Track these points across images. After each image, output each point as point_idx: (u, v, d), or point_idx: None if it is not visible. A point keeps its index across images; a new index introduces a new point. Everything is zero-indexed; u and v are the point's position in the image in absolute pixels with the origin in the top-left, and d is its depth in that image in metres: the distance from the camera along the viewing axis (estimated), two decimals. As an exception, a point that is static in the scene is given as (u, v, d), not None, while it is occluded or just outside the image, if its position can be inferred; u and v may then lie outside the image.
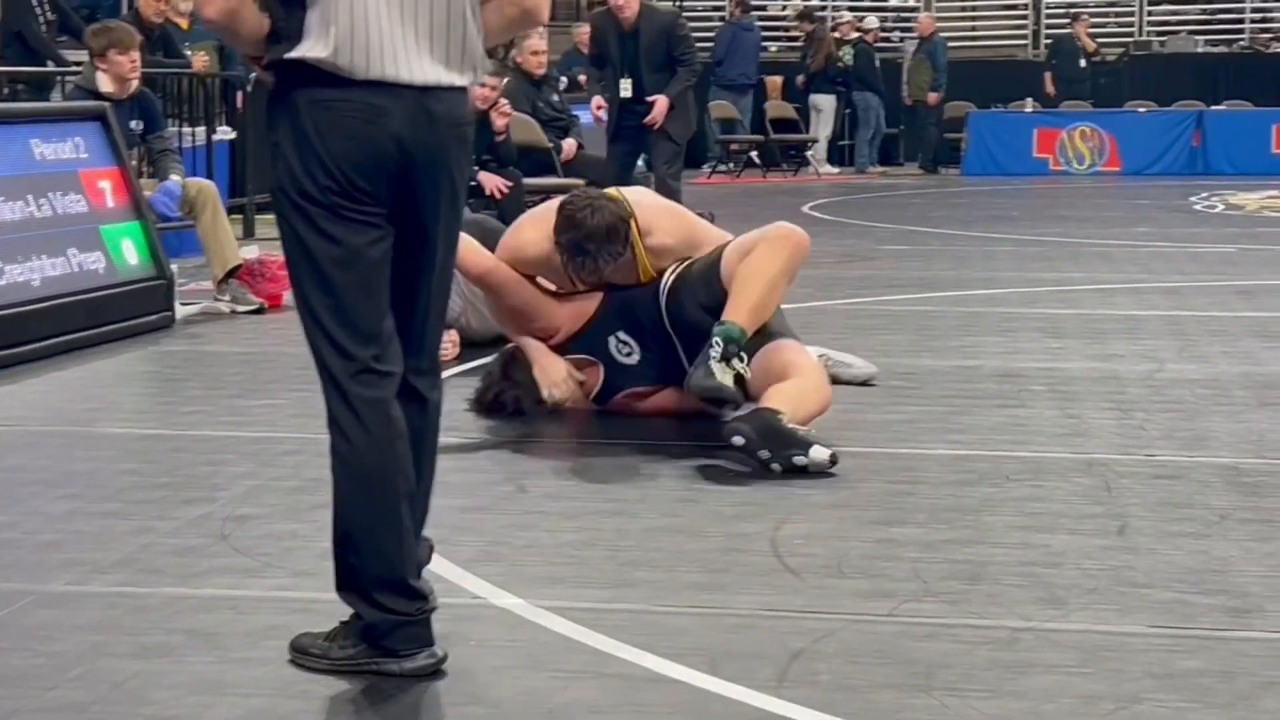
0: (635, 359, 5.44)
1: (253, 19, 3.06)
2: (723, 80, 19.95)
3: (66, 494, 4.62)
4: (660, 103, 9.85)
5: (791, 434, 4.77)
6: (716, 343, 4.97)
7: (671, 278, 5.35)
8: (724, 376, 4.94)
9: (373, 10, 3.02)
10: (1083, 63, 20.91)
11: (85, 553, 4.02)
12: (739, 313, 5.05)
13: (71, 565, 3.92)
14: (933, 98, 20.23)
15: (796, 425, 4.84)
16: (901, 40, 21.07)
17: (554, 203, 5.46)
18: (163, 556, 4.00)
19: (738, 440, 4.76)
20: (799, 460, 4.72)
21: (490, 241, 5.64)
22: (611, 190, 5.54)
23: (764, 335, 5.16)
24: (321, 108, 3.03)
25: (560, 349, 5.48)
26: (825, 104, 20.72)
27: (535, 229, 5.45)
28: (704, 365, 4.98)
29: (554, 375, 5.41)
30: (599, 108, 10.14)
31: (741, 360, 4.98)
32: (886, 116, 20.75)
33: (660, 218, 5.48)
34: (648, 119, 9.87)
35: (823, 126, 20.80)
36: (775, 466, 4.73)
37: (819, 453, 4.74)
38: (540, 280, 5.53)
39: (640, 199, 5.59)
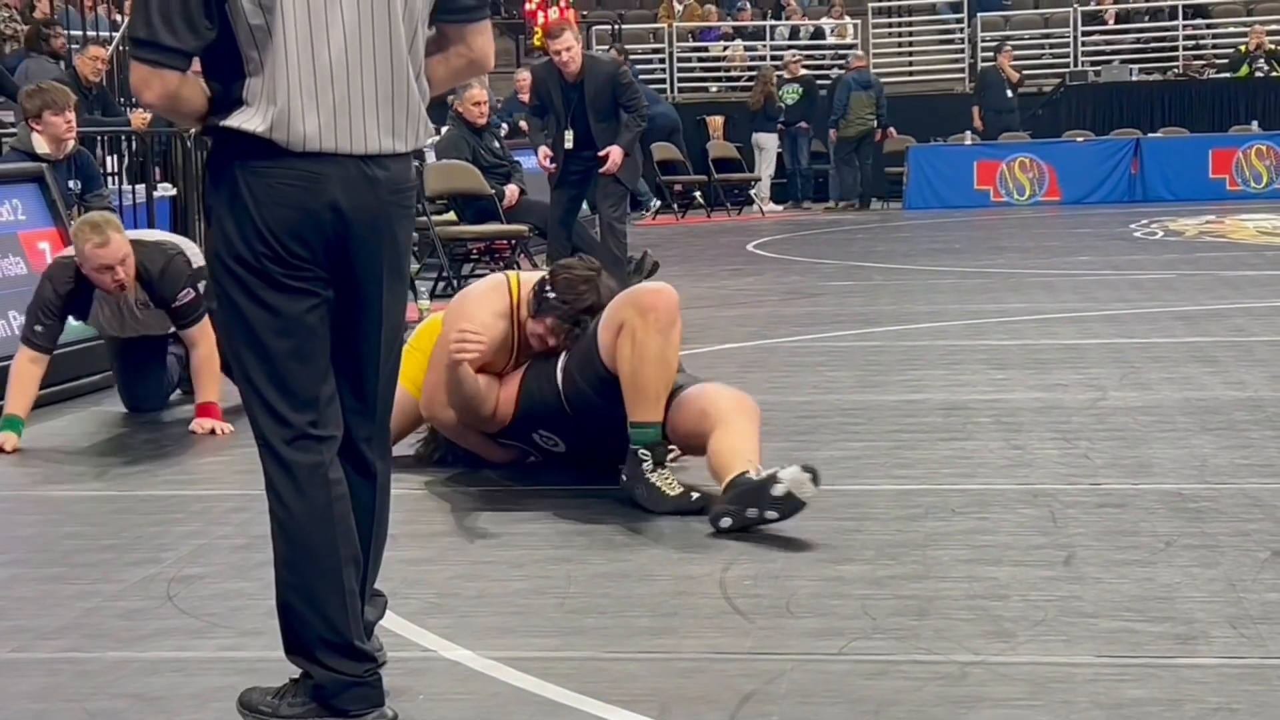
0: (562, 448, 5.41)
1: (194, 98, 3.02)
2: None
3: (9, 559, 4.58)
4: (615, 153, 9.91)
5: (761, 482, 4.57)
6: (642, 454, 4.88)
7: (560, 371, 5.21)
8: (669, 487, 4.86)
9: (310, 84, 2.99)
10: (1009, 93, 21.12)
11: (29, 619, 3.99)
12: (645, 409, 4.90)
13: (14, 632, 3.88)
14: (880, 134, 20.39)
15: (757, 469, 4.69)
16: (838, 76, 21.20)
17: (492, 281, 5.47)
18: (108, 620, 3.96)
19: (726, 523, 4.59)
20: (779, 490, 4.50)
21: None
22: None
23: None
24: (257, 175, 3.01)
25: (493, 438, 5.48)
26: (767, 142, 20.86)
27: (487, 310, 5.33)
28: (643, 483, 4.88)
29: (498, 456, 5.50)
30: (546, 157, 10.16)
31: (669, 451, 5.01)
32: (815, 153, 20.97)
33: None
34: (604, 169, 9.92)
35: (765, 165, 20.92)
36: (770, 515, 4.54)
37: (792, 473, 4.52)
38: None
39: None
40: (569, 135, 9.99)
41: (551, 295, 5.22)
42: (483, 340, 5.18)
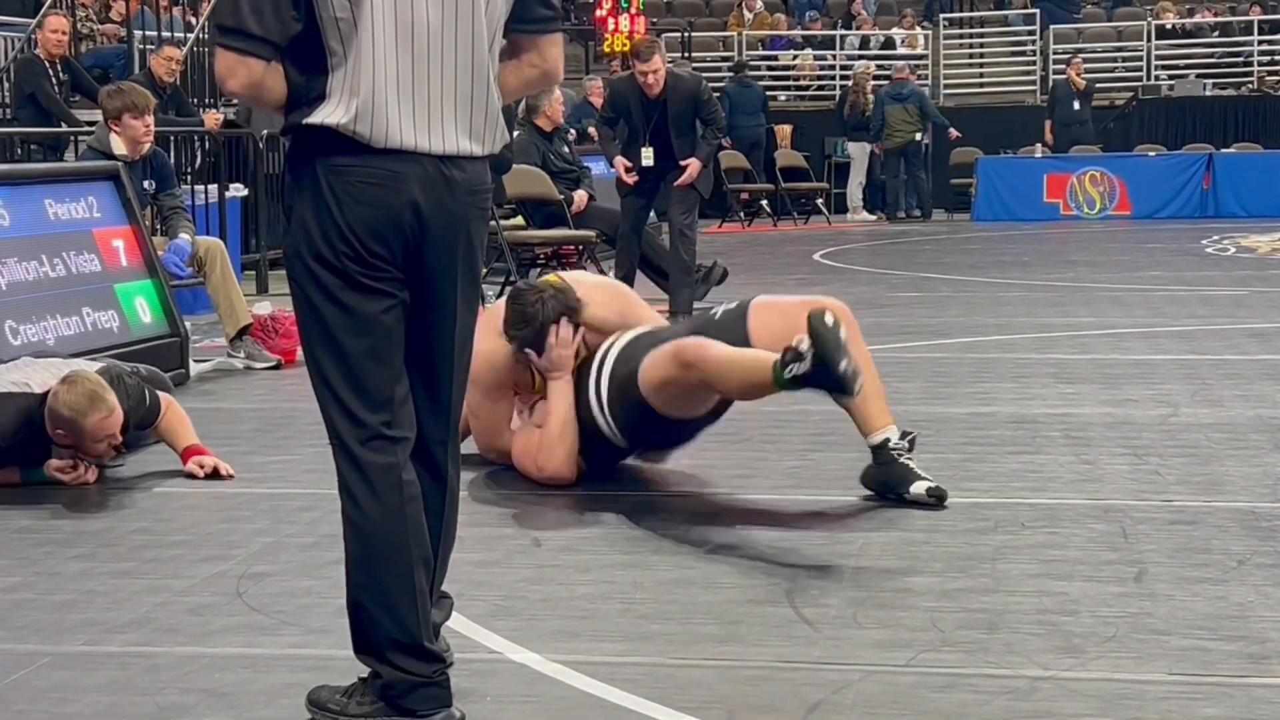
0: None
1: (278, 87, 3.03)
2: None
3: (79, 553, 4.62)
4: (694, 166, 9.95)
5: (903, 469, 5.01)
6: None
7: (605, 395, 5.20)
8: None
9: (394, 79, 3.01)
10: (1077, 105, 20.99)
11: (99, 613, 4.02)
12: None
13: (85, 626, 3.91)
14: (947, 134, 20.35)
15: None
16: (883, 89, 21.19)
17: (495, 308, 5.50)
18: (178, 615, 3.99)
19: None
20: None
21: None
22: (551, 277, 5.56)
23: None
24: (339, 173, 3.02)
25: None
26: (856, 151, 20.82)
27: (489, 338, 5.29)
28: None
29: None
30: (626, 169, 10.12)
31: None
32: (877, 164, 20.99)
33: (596, 292, 5.50)
34: (680, 180, 9.93)
35: (856, 173, 20.88)
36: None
37: (918, 488, 4.96)
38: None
39: (576, 276, 5.69)
40: (648, 152, 10.00)
41: (514, 333, 5.30)
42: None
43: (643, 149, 10.00)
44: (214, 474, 5.58)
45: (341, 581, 3.18)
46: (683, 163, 9.94)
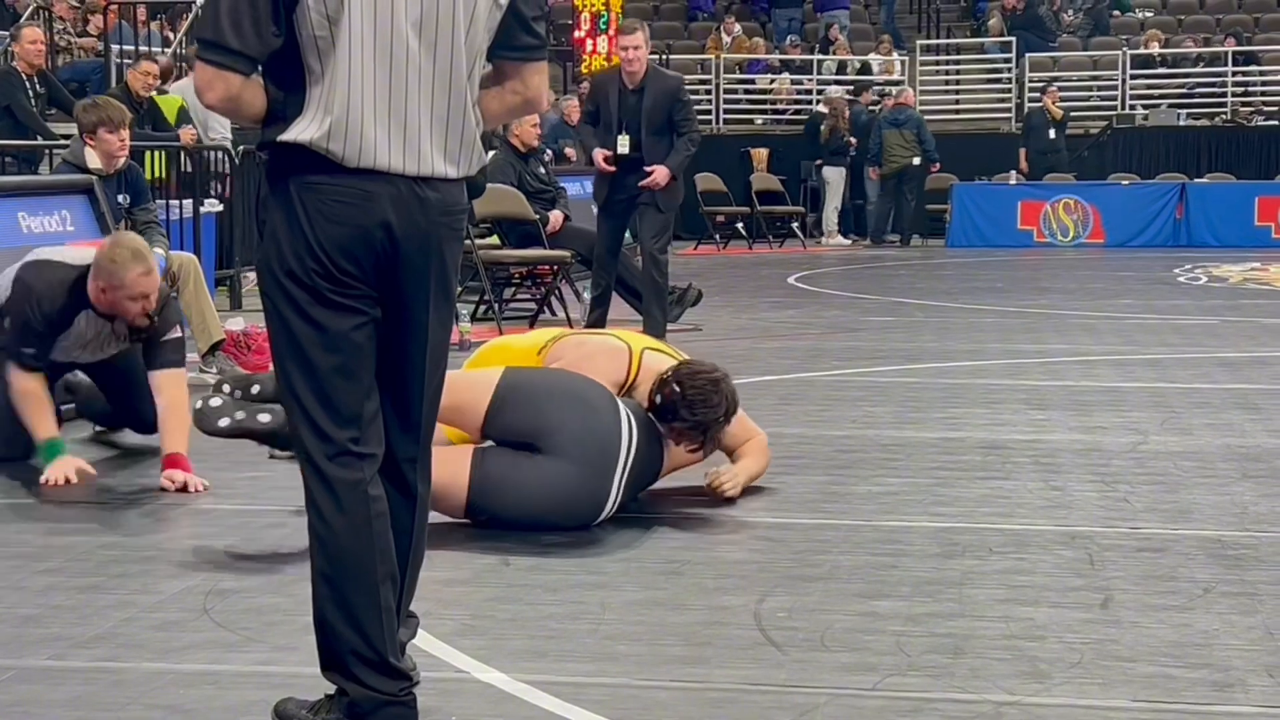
0: None
1: (256, 101, 3.04)
2: None
3: (47, 568, 4.60)
4: (660, 172, 9.67)
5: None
6: None
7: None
8: None
9: (371, 99, 3.02)
10: (1052, 133, 21.09)
11: (65, 627, 4.00)
12: None
13: (51, 640, 3.90)
14: (932, 167, 20.42)
15: None
16: (873, 115, 21.21)
17: (612, 348, 5.36)
18: (144, 631, 3.98)
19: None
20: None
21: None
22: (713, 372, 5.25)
23: None
24: (312, 190, 3.03)
25: None
26: (833, 176, 20.87)
27: (605, 378, 5.20)
28: None
29: None
30: (604, 158, 9.92)
31: None
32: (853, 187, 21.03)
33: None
34: (645, 182, 9.73)
35: (831, 198, 20.93)
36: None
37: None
38: None
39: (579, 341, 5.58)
40: (624, 139, 9.81)
41: (685, 413, 5.08)
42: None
43: (619, 136, 9.86)
44: (183, 489, 5.57)
45: (309, 599, 3.18)
46: (648, 168, 9.71)
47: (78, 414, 6.64)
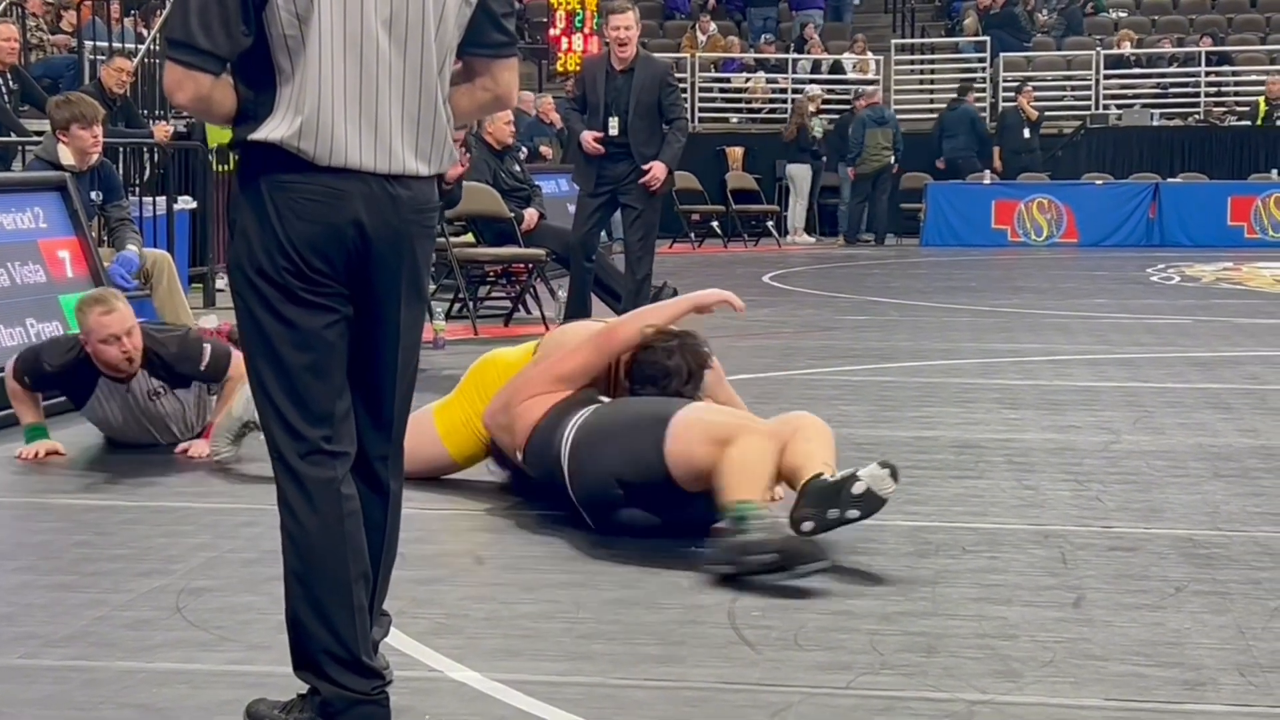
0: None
1: (226, 101, 3.05)
2: None
3: (19, 566, 4.59)
4: (658, 169, 9.64)
5: (839, 481, 4.51)
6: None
7: (572, 436, 4.96)
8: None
9: (341, 97, 3.02)
10: (1026, 133, 21.16)
11: (37, 625, 3.99)
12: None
13: (23, 639, 3.88)
14: (897, 168, 20.45)
15: (833, 470, 4.62)
16: (852, 112, 21.20)
17: (593, 327, 5.42)
18: (117, 630, 3.97)
19: (808, 526, 4.49)
20: (858, 488, 4.45)
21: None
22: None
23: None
24: (282, 189, 3.03)
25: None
26: (800, 174, 20.88)
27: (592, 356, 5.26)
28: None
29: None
30: (595, 139, 9.82)
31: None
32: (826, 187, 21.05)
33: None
34: (644, 179, 9.67)
35: (798, 196, 20.94)
36: (852, 514, 4.48)
37: (871, 470, 4.47)
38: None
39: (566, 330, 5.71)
40: (613, 122, 9.71)
41: (651, 387, 5.16)
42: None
43: (609, 119, 9.78)
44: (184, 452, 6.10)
45: (283, 597, 3.17)
46: (644, 166, 9.68)
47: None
